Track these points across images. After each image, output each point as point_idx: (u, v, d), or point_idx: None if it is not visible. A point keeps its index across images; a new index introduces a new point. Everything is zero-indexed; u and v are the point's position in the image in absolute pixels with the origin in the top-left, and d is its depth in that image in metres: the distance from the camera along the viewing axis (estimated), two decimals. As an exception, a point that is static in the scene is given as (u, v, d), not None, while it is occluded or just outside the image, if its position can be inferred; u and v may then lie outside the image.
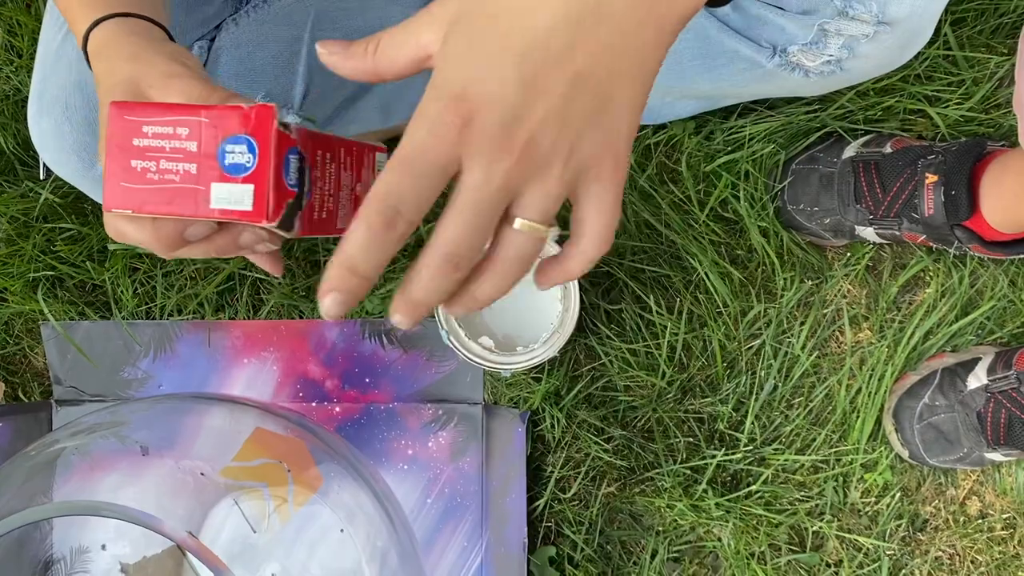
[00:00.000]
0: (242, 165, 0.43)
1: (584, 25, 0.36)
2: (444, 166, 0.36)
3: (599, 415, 0.88)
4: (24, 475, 0.73)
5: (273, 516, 0.81)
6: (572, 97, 0.37)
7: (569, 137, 0.37)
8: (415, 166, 0.36)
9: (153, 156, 0.44)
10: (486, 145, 0.36)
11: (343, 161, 0.48)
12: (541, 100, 0.36)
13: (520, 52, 0.36)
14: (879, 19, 0.68)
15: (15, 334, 0.91)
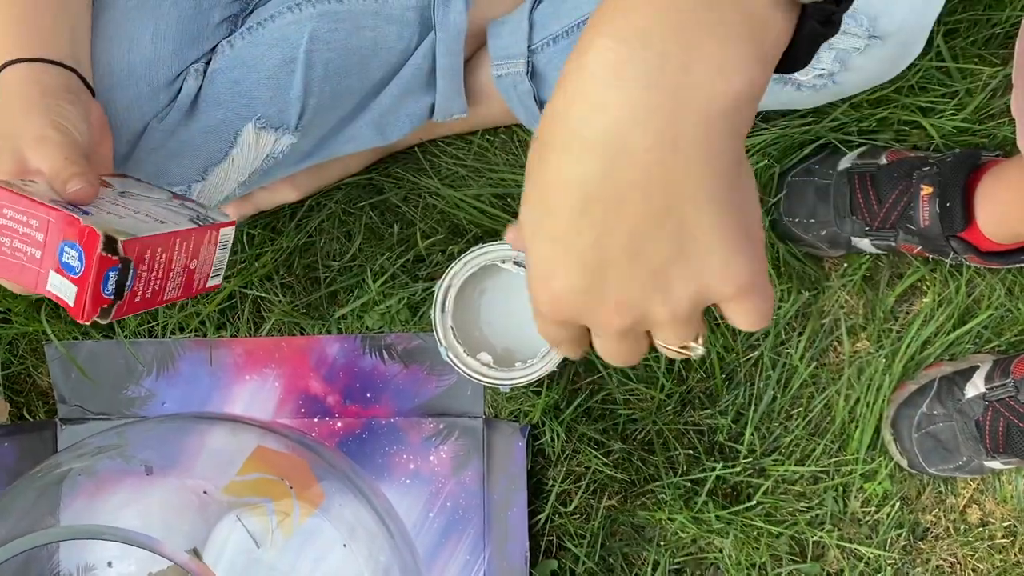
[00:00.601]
0: (73, 267, 0.51)
1: (617, 178, 0.35)
2: (567, 338, 0.40)
3: (599, 428, 0.88)
4: (31, 496, 0.74)
5: (276, 532, 0.82)
6: (636, 250, 0.36)
7: (656, 279, 0.36)
8: (553, 337, 0.40)
9: (9, 234, 0.52)
10: (589, 321, 0.38)
11: (178, 249, 0.56)
12: (610, 271, 0.36)
13: (574, 232, 0.36)
14: (870, 33, 0.68)
15: (19, 354, 0.92)
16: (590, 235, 0.36)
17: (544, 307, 0.38)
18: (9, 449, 0.90)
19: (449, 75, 0.80)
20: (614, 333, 0.38)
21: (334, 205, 0.90)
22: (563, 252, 0.36)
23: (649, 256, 0.36)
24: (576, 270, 0.37)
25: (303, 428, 0.90)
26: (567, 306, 0.38)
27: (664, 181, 0.34)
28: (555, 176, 0.35)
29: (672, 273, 0.36)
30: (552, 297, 0.37)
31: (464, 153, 0.91)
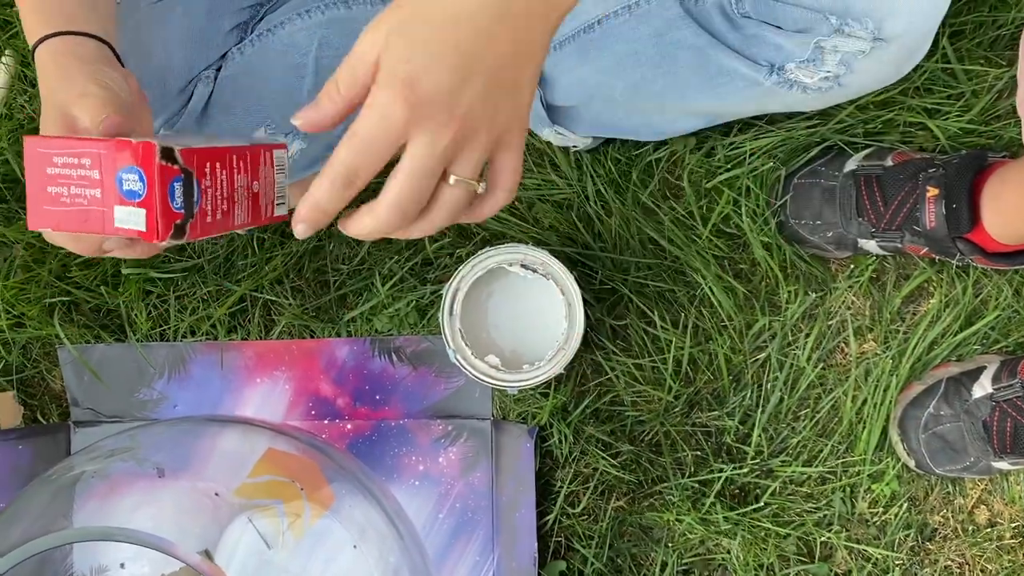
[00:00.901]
0: (136, 191, 0.49)
1: (500, 22, 0.45)
2: (394, 143, 0.46)
3: (606, 430, 0.89)
4: (45, 498, 0.75)
5: (287, 533, 0.83)
6: (493, 80, 0.46)
7: (490, 112, 0.47)
8: (370, 146, 0.46)
9: (64, 183, 0.50)
10: (431, 124, 0.45)
11: (236, 167, 0.54)
12: (471, 84, 0.46)
13: (453, 46, 0.45)
14: (875, 36, 0.68)
15: (33, 358, 0.93)
16: (469, 50, 0.45)
17: (399, 100, 0.44)
18: (24, 451, 0.91)
19: (456, 80, 0.81)
20: (432, 157, 0.46)
21: (345, 209, 0.91)
22: (446, 56, 0.45)
23: (497, 87, 0.46)
24: (450, 70, 0.45)
25: (313, 430, 0.91)
26: (426, 101, 0.45)
27: (526, 39, 0.47)
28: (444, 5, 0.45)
29: (500, 107, 0.47)
30: (416, 90, 0.44)
31: (472, 157, 0.91)
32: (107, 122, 0.52)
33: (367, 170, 0.46)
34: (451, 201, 0.49)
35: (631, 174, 0.89)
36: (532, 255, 0.81)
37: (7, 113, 0.93)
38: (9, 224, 0.92)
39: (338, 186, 0.47)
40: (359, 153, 0.46)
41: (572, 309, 0.81)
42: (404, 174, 0.46)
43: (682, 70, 0.75)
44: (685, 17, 0.73)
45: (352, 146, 0.46)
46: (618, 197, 0.90)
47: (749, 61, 0.73)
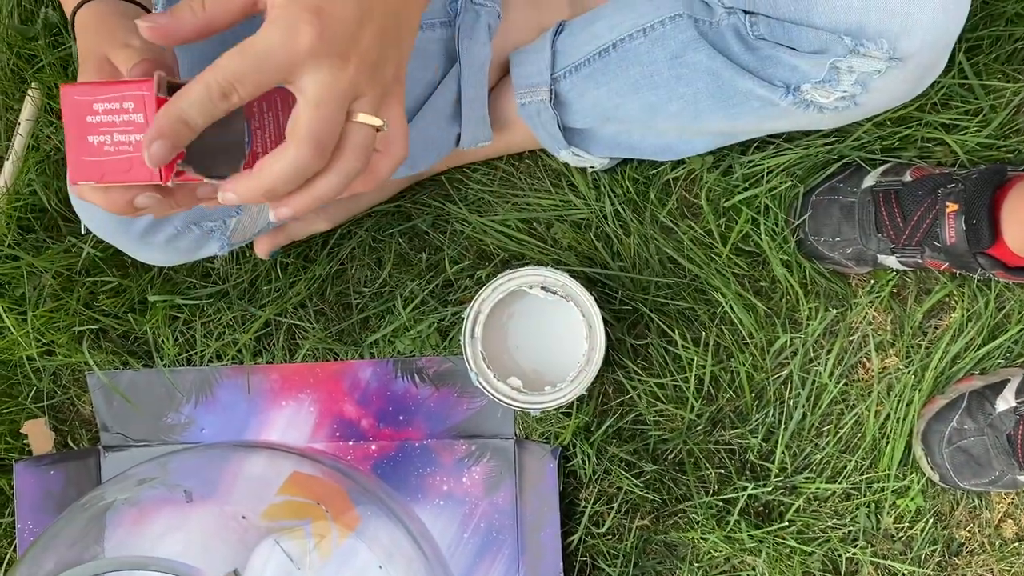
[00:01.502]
0: None
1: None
2: (290, 66, 0.44)
3: (630, 449, 0.89)
4: (78, 526, 0.76)
5: (313, 554, 0.84)
6: (384, 27, 0.47)
7: (381, 58, 0.47)
8: (265, 61, 0.44)
9: (107, 130, 0.47)
10: (334, 55, 0.44)
11: (280, 108, 0.51)
12: (369, 24, 0.46)
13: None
14: (891, 55, 0.69)
15: (63, 384, 0.95)
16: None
17: (307, 23, 0.43)
18: (55, 477, 0.92)
19: (474, 105, 0.81)
20: (337, 88, 0.44)
21: (364, 233, 0.92)
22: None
23: (387, 31, 0.47)
24: (352, 6, 0.45)
25: (338, 451, 0.92)
26: (331, 31, 0.44)
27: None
28: None
29: (390, 52, 0.47)
30: (323, 17, 0.44)
31: (490, 179, 0.92)
32: (140, 67, 0.50)
33: (249, 87, 0.44)
34: (359, 141, 0.47)
35: (649, 193, 0.90)
36: (551, 277, 0.81)
37: (34, 144, 0.95)
38: (38, 254, 0.94)
39: (213, 94, 0.43)
40: (250, 65, 0.43)
41: (592, 330, 0.81)
42: (313, 103, 0.44)
43: (697, 92, 0.76)
44: (700, 40, 0.74)
45: (244, 55, 0.43)
46: (636, 217, 0.90)
47: (764, 82, 0.73)
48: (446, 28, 0.80)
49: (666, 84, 0.76)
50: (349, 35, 0.45)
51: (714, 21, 0.74)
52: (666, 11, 0.75)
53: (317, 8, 0.44)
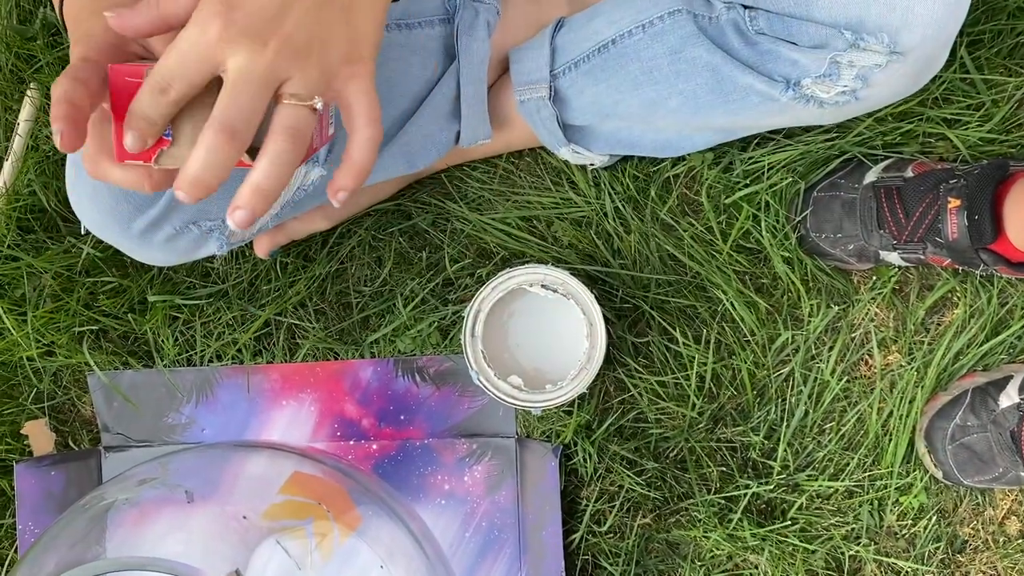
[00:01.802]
0: None
1: None
2: (206, 59, 0.47)
3: (631, 447, 0.89)
4: (79, 526, 0.76)
5: (315, 553, 0.84)
6: (321, 5, 0.48)
7: (322, 34, 0.49)
8: (185, 58, 0.47)
9: None
10: (248, 43, 0.47)
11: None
12: (299, 4, 0.48)
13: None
14: (891, 49, 0.68)
15: (63, 385, 0.95)
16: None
17: (216, 18, 0.46)
18: (56, 477, 0.92)
19: (474, 102, 0.81)
20: (253, 72, 0.47)
21: (364, 232, 0.92)
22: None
23: (326, 11, 0.48)
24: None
25: (339, 451, 0.91)
26: (244, 21, 0.46)
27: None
28: None
29: (335, 31, 0.49)
30: (235, 11, 0.46)
31: (490, 177, 0.92)
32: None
33: (181, 82, 0.47)
34: (287, 123, 0.48)
35: (649, 191, 0.89)
36: (552, 275, 0.81)
37: (33, 144, 0.95)
38: (38, 254, 0.94)
39: (154, 91, 0.47)
40: (174, 62, 0.47)
41: (593, 328, 0.81)
42: (225, 89, 0.47)
43: (697, 88, 0.76)
44: (699, 35, 0.74)
45: (170, 55, 0.47)
46: (636, 214, 0.90)
47: (764, 77, 0.73)
48: (445, 25, 0.80)
49: (665, 80, 0.76)
50: (267, 19, 0.47)
51: (713, 16, 0.73)
52: (665, 6, 0.75)
53: (230, 1, 0.47)
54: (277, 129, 0.48)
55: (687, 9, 0.74)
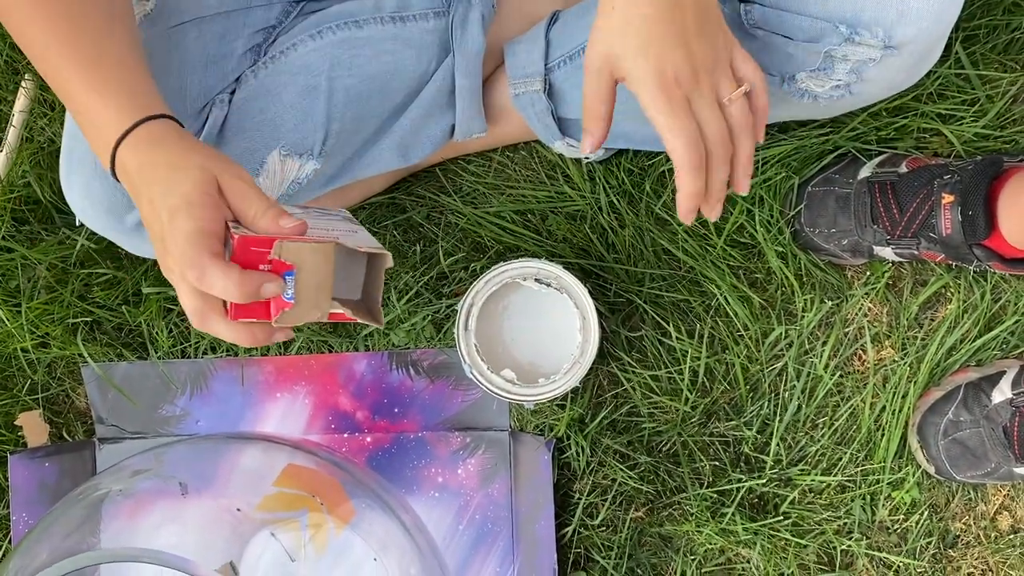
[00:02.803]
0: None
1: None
2: (692, 116, 0.61)
3: (624, 441, 0.89)
4: (73, 517, 0.76)
5: (309, 546, 0.84)
6: (700, 29, 0.61)
7: (713, 44, 0.61)
8: (692, 136, 0.61)
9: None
10: (693, 87, 0.61)
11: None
12: (690, 43, 0.60)
13: (668, 25, 0.60)
14: (886, 44, 0.68)
15: (58, 376, 0.95)
16: (674, 20, 0.60)
17: (665, 91, 0.60)
18: (50, 469, 0.92)
19: (468, 96, 0.81)
20: (706, 100, 0.61)
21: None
22: (663, 39, 0.60)
23: (703, 25, 0.61)
24: (676, 48, 0.60)
25: (333, 444, 0.92)
26: (678, 80, 0.60)
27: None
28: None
29: (716, 33, 0.62)
30: (667, 75, 0.60)
31: (485, 171, 0.92)
32: (297, 226, 0.58)
33: (711, 153, 0.61)
34: (740, 115, 0.62)
35: (644, 185, 0.89)
36: (545, 269, 0.81)
37: (28, 136, 0.95)
38: (33, 246, 0.94)
39: (695, 172, 0.61)
40: (690, 148, 0.60)
41: (586, 322, 0.81)
42: (704, 123, 0.61)
43: None
44: None
45: (681, 146, 0.60)
46: (631, 208, 0.90)
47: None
48: (440, 18, 0.80)
49: None
50: (688, 68, 0.62)
51: None
52: None
53: (659, 70, 0.61)
54: (738, 124, 0.63)
55: None
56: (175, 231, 0.56)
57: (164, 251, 0.57)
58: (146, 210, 0.58)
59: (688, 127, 0.60)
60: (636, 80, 0.60)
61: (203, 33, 0.74)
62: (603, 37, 0.61)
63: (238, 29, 0.75)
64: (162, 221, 0.56)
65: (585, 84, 0.62)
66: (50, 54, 0.61)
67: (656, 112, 0.60)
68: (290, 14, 0.79)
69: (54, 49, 0.61)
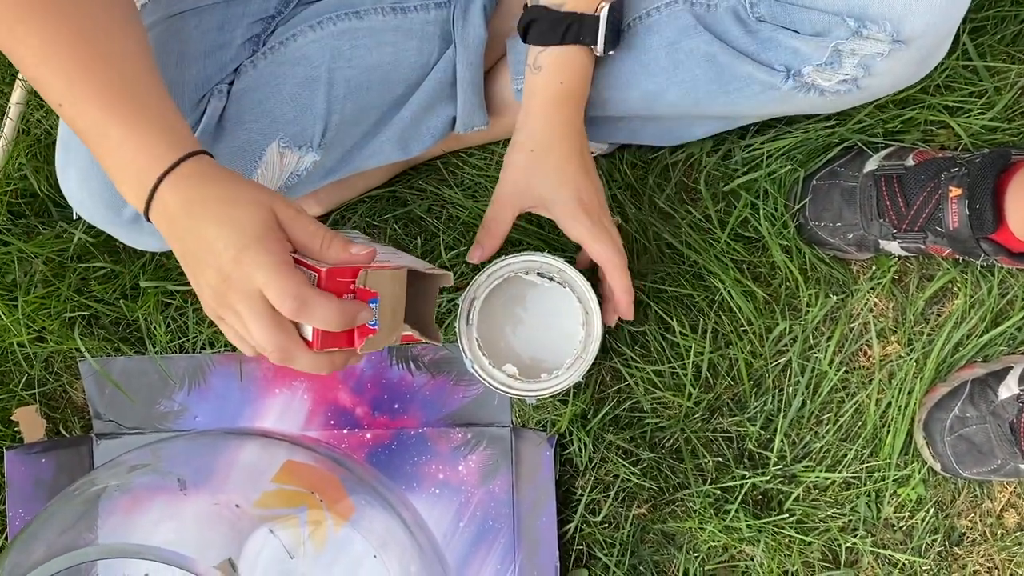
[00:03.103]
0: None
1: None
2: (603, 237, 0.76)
3: (626, 437, 0.88)
4: (70, 513, 0.76)
5: (308, 543, 0.83)
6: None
7: (598, 183, 0.78)
8: (618, 246, 0.76)
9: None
10: (594, 210, 0.76)
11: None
12: (584, 182, 0.76)
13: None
14: (894, 37, 0.67)
15: (55, 371, 0.94)
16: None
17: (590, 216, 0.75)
18: (47, 465, 0.91)
19: (470, 88, 0.80)
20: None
21: (358, 219, 0.91)
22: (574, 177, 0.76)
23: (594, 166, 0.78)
24: (584, 172, 0.77)
25: (333, 440, 0.91)
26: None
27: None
28: None
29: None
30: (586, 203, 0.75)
31: (486, 163, 0.91)
32: (368, 253, 0.60)
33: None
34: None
35: (647, 178, 0.89)
36: (548, 263, 0.80)
37: (24, 128, 0.94)
38: (29, 239, 0.93)
39: (626, 270, 0.75)
40: (620, 250, 0.75)
41: (589, 317, 0.80)
42: (621, 258, 0.75)
43: (696, 79, 0.75)
44: (696, 26, 0.73)
45: (611, 249, 0.75)
46: (635, 202, 0.89)
47: (764, 67, 0.72)
48: (441, 9, 0.79)
49: (664, 72, 0.75)
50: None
51: (712, 4, 0.72)
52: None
53: (581, 200, 0.76)
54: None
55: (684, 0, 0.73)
56: (251, 267, 0.55)
57: (227, 288, 0.56)
58: (194, 247, 0.57)
59: (611, 236, 0.73)
60: (557, 207, 0.73)
61: (202, 22, 0.73)
62: (520, 173, 0.74)
63: (237, 19, 0.75)
64: (226, 258, 0.55)
65: (494, 209, 0.74)
66: (74, 89, 0.58)
67: (583, 229, 0.73)
68: (289, 4, 0.78)
69: (79, 84, 0.58)
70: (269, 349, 0.57)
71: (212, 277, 0.56)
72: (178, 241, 0.58)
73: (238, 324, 0.57)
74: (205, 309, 0.60)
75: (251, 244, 0.55)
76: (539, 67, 0.73)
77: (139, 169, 0.58)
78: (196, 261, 0.57)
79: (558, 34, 0.71)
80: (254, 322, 0.56)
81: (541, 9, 0.72)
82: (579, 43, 0.72)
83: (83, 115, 0.58)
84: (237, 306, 0.56)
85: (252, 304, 0.55)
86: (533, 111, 0.74)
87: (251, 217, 0.56)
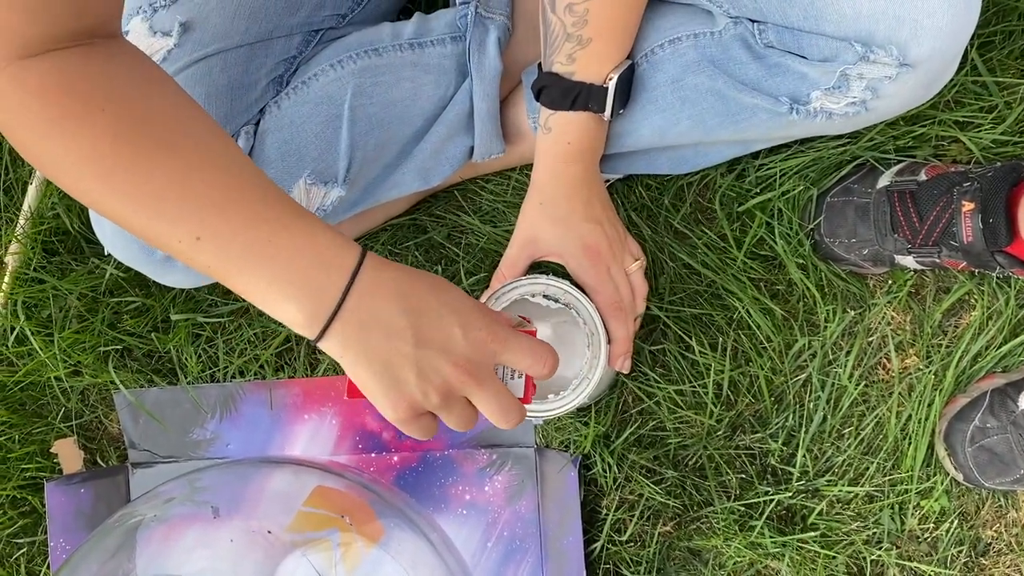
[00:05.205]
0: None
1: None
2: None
3: (650, 456, 0.89)
4: (109, 544, 0.78)
5: (340, 565, 0.85)
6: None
7: (613, 231, 0.82)
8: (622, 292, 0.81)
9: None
10: (603, 257, 0.80)
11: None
12: (591, 231, 0.80)
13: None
14: (901, 61, 0.68)
15: (91, 403, 0.97)
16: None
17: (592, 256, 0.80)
18: (85, 495, 0.94)
19: (487, 118, 0.82)
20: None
21: (380, 247, 0.93)
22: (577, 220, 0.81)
23: (615, 216, 0.85)
24: (593, 222, 0.82)
25: (361, 464, 0.92)
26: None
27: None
28: None
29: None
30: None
31: (503, 189, 0.93)
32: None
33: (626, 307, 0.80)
34: (639, 282, 0.82)
35: (662, 200, 0.90)
36: (553, 285, 0.81)
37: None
38: (63, 276, 0.95)
39: (623, 319, 0.79)
40: (616, 301, 0.79)
41: (594, 338, 0.81)
42: (619, 285, 0.80)
43: (703, 112, 0.76)
44: (699, 63, 0.74)
45: (609, 299, 0.78)
46: (650, 223, 0.90)
47: (769, 97, 0.73)
48: (457, 43, 0.81)
49: (671, 107, 0.77)
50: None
51: (716, 31, 0.74)
52: (665, 36, 0.76)
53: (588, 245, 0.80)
54: (636, 285, 0.83)
55: (686, 34, 0.75)
56: (479, 333, 0.56)
57: (452, 366, 0.55)
58: (410, 332, 0.54)
59: (612, 286, 0.77)
60: (564, 257, 0.78)
61: (228, 65, 0.76)
62: (530, 224, 0.79)
63: (261, 60, 0.77)
64: (449, 335, 0.55)
65: (510, 255, 0.80)
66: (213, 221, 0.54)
67: (587, 279, 0.77)
68: (310, 43, 0.80)
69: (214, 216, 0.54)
70: (505, 411, 0.58)
71: (431, 353, 0.54)
72: (376, 333, 0.54)
73: (467, 405, 0.59)
74: (399, 413, 0.57)
75: (472, 314, 0.56)
76: (549, 128, 0.76)
77: (328, 278, 0.54)
78: (410, 361, 0.55)
79: (568, 101, 0.74)
80: (494, 391, 0.57)
81: (553, 76, 0.74)
82: (587, 110, 0.75)
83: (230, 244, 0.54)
84: (485, 380, 0.57)
85: (491, 374, 0.57)
86: (541, 167, 0.78)
87: (455, 290, 0.58)
